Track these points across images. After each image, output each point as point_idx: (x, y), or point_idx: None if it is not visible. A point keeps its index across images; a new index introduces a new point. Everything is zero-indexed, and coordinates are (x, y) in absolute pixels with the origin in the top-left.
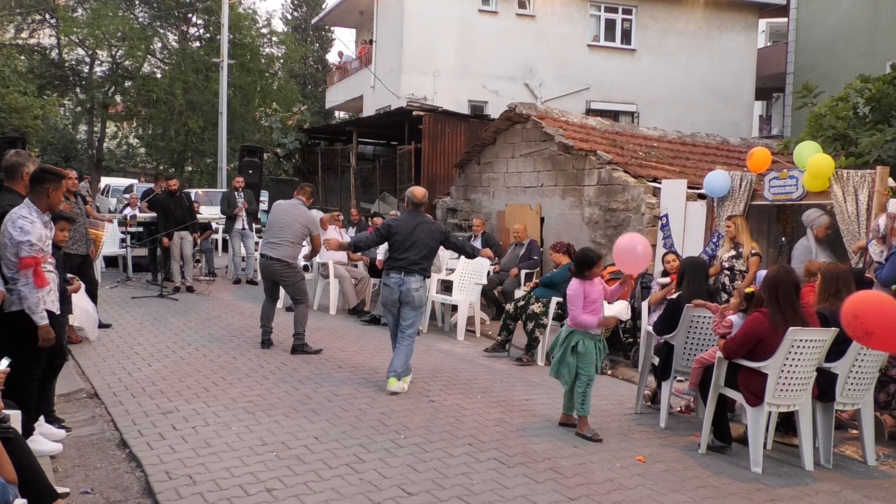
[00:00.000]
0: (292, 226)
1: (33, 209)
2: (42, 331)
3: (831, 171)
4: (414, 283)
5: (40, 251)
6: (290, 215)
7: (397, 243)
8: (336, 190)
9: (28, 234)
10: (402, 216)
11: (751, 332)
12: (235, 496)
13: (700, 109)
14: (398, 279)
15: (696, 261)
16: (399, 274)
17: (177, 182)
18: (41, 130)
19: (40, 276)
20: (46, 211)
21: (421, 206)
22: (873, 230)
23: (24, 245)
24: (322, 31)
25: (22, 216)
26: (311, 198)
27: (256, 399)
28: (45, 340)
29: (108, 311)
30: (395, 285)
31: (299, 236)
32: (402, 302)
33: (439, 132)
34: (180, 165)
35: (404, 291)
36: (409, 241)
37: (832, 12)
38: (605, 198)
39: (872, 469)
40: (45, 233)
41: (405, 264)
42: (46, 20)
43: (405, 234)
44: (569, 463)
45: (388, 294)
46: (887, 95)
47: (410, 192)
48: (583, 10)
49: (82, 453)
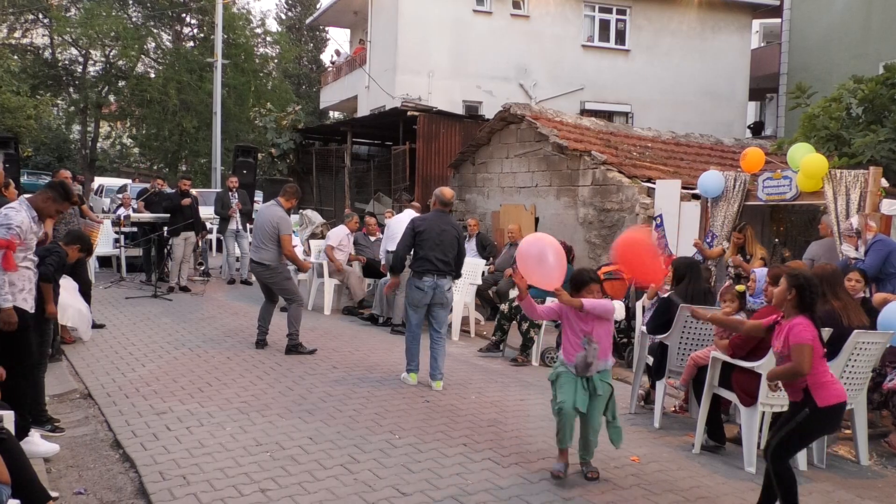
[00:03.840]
0: (264, 227)
1: (24, 203)
2: (3, 314)
3: (825, 172)
4: (446, 285)
5: (17, 237)
6: (263, 217)
7: (426, 243)
8: (330, 190)
9: (10, 219)
10: (430, 216)
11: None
12: (229, 496)
13: (694, 110)
14: (432, 283)
15: (694, 261)
16: (432, 277)
17: (189, 182)
18: (34, 130)
19: (8, 260)
20: (37, 209)
21: (449, 207)
22: (845, 230)
23: (2, 227)
24: (316, 32)
25: (10, 207)
26: (293, 198)
27: (251, 399)
28: (6, 324)
29: (102, 311)
30: (430, 288)
31: (271, 237)
32: (435, 304)
33: (434, 132)
34: (174, 165)
35: (438, 294)
36: (438, 240)
37: (825, 13)
38: (600, 198)
39: (866, 469)
40: (30, 225)
41: (439, 266)
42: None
43: (435, 234)
44: None
45: (421, 297)
46: (880, 96)
47: (440, 192)
48: (577, 11)
49: (76, 454)
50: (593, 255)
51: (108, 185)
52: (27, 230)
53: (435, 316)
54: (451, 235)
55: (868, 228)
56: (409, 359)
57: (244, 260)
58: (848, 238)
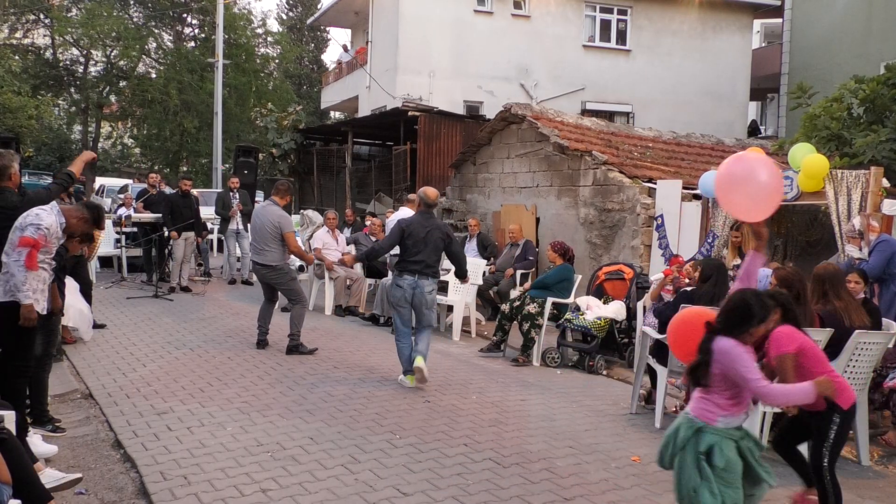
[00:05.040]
0: (264, 228)
1: (56, 208)
2: (25, 309)
3: (826, 172)
4: (427, 287)
5: (44, 238)
6: (261, 217)
7: (410, 245)
8: (331, 190)
9: (41, 220)
10: (414, 217)
11: None
12: (230, 496)
13: (695, 110)
14: (412, 282)
15: (721, 263)
16: (413, 277)
17: (190, 183)
18: (35, 131)
19: (32, 259)
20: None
21: (433, 207)
22: (848, 231)
23: (31, 226)
24: (317, 32)
25: (42, 208)
26: (287, 195)
27: (251, 400)
28: (26, 320)
29: (103, 311)
30: (409, 287)
31: (274, 237)
32: (416, 304)
33: (435, 132)
34: (175, 166)
35: (418, 294)
36: (423, 243)
37: (826, 13)
38: (601, 198)
39: (867, 469)
40: (57, 230)
41: (420, 268)
42: (41, 20)
43: (419, 236)
44: (564, 463)
45: (400, 295)
46: (881, 96)
47: (424, 192)
48: (578, 11)
49: (77, 454)
50: (594, 256)
51: (109, 185)
52: (53, 234)
53: (419, 319)
54: (437, 236)
55: (871, 229)
56: (402, 361)
57: (245, 260)
58: (851, 239)
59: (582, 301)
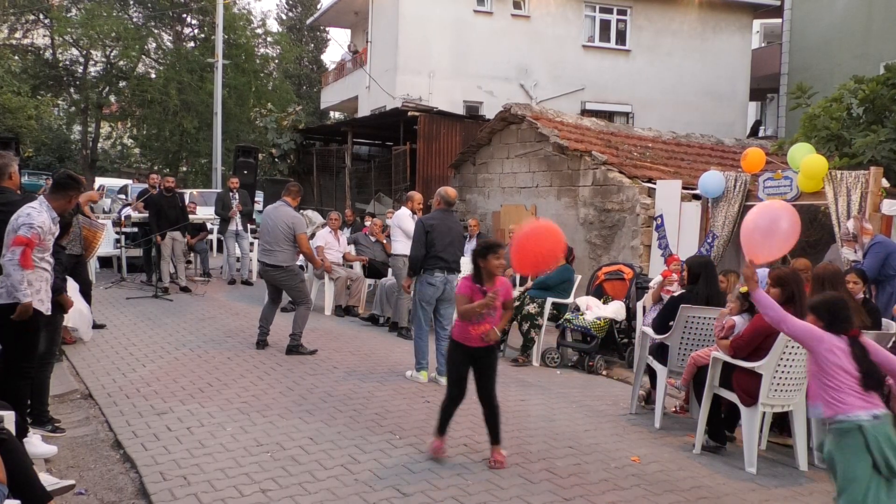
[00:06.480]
0: (277, 228)
1: (45, 204)
2: (22, 306)
3: (825, 172)
4: (455, 281)
5: (37, 237)
6: (274, 218)
7: (438, 241)
8: (331, 190)
9: (33, 219)
10: (435, 215)
11: (761, 329)
12: (230, 497)
13: (694, 110)
14: (443, 278)
15: (709, 261)
16: (443, 273)
17: (173, 180)
18: (35, 131)
19: (26, 258)
20: (59, 212)
21: (453, 206)
22: (843, 234)
23: (24, 226)
24: (317, 32)
25: (31, 206)
26: (298, 196)
27: (251, 400)
28: (20, 316)
29: (103, 311)
30: (441, 283)
31: (286, 238)
32: (444, 300)
33: (434, 133)
34: (175, 166)
35: (448, 290)
36: (448, 239)
37: (826, 13)
38: (600, 198)
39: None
40: (50, 226)
41: (448, 264)
42: (40, 20)
43: (444, 232)
44: (564, 463)
45: (433, 293)
46: (881, 96)
47: (444, 191)
48: (577, 11)
49: (76, 454)
50: (594, 256)
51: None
52: (47, 231)
53: (442, 314)
54: (458, 234)
55: (864, 231)
56: (418, 357)
57: (244, 260)
58: (846, 242)
59: (582, 301)
